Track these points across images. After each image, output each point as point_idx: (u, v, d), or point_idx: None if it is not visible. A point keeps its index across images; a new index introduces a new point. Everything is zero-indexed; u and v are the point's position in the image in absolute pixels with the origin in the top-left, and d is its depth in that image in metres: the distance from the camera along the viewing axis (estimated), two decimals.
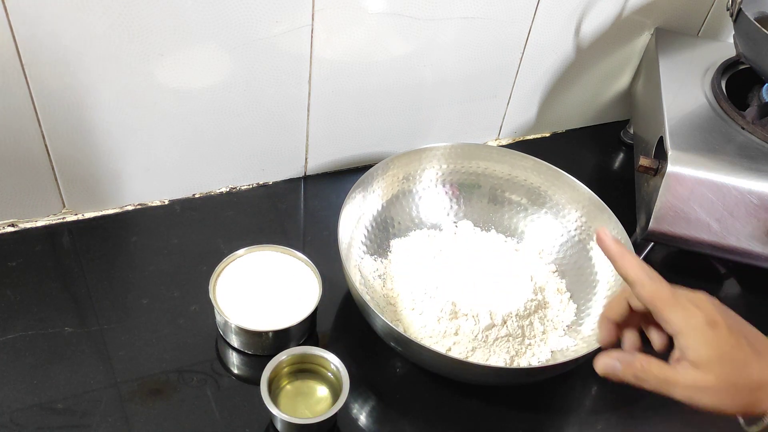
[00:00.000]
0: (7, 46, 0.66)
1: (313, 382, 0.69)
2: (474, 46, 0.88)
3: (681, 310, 0.49)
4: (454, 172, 0.86)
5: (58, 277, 0.77)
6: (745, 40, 0.82)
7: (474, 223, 0.86)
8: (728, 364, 0.47)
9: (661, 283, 0.51)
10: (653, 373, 0.50)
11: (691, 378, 0.48)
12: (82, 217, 0.83)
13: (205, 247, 0.82)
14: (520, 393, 0.74)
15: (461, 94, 0.93)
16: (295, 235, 0.86)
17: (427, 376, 0.74)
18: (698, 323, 0.48)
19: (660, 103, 0.83)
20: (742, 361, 0.48)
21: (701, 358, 0.48)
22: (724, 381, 0.48)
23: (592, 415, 0.74)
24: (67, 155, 0.76)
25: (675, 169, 0.75)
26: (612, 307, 0.56)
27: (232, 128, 0.82)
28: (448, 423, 0.71)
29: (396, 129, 0.93)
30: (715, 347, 0.48)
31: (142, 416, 0.67)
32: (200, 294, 0.75)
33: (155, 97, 0.75)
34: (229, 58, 0.76)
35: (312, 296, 0.73)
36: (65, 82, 0.70)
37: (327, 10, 0.76)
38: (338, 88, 0.84)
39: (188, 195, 0.87)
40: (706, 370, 0.48)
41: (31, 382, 0.68)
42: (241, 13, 0.72)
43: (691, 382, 0.48)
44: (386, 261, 0.81)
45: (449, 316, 0.72)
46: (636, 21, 0.96)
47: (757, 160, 0.76)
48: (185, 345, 0.73)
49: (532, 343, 0.74)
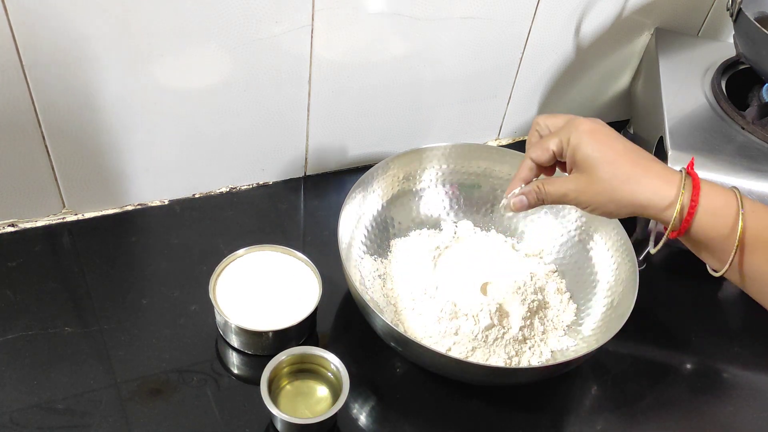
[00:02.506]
0: (7, 47, 0.66)
1: (313, 382, 0.69)
2: (474, 46, 0.88)
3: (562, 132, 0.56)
4: (454, 172, 0.86)
5: (58, 277, 0.77)
6: (745, 40, 0.82)
7: (474, 223, 0.86)
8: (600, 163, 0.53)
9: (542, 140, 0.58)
10: (549, 190, 0.57)
11: (573, 182, 0.55)
12: (82, 217, 0.83)
13: (205, 247, 0.82)
14: (520, 393, 0.74)
15: (461, 94, 0.93)
16: (295, 235, 0.86)
17: (427, 376, 0.74)
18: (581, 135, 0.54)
19: (660, 103, 0.83)
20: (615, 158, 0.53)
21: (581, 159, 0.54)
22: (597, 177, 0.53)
23: (592, 415, 0.74)
24: (67, 155, 0.76)
25: (675, 169, 0.75)
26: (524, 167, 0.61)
27: (232, 128, 0.82)
28: (448, 423, 0.71)
29: (396, 129, 0.93)
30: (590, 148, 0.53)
31: (142, 416, 0.67)
32: (200, 294, 0.75)
33: (155, 97, 0.75)
34: (229, 58, 0.76)
35: (312, 296, 0.73)
36: (65, 82, 0.70)
37: (327, 10, 0.76)
38: (338, 88, 0.84)
39: (188, 195, 0.87)
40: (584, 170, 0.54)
41: (31, 382, 0.68)
42: (241, 13, 0.72)
43: (574, 186, 0.55)
44: (386, 261, 0.81)
45: (449, 316, 0.72)
46: (636, 21, 0.96)
47: (757, 160, 0.76)
48: (185, 345, 0.73)
49: (532, 343, 0.74)
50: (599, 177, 0.53)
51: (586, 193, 0.54)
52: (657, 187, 0.52)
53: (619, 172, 0.52)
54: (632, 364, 0.78)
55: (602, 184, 0.53)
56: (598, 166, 0.53)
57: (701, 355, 0.80)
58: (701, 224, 0.51)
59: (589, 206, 0.55)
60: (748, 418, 0.75)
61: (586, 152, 0.53)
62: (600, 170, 0.53)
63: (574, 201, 0.55)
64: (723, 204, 0.51)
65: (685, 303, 0.85)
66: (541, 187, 0.57)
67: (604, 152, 0.53)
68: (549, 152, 0.57)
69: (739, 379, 0.78)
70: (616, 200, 0.53)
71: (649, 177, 0.52)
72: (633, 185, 0.52)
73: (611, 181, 0.52)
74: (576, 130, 0.54)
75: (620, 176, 0.52)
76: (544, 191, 0.57)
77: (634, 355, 0.79)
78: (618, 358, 0.78)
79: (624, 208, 0.53)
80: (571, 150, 0.54)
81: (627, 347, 0.79)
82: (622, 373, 0.77)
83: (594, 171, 0.53)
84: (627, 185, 0.52)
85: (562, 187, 0.56)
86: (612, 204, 0.53)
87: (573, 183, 0.55)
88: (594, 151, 0.53)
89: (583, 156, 0.53)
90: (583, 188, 0.54)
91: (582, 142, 0.53)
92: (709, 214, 0.51)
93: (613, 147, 0.53)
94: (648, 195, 0.52)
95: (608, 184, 0.53)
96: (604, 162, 0.53)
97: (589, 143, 0.53)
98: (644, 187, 0.52)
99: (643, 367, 0.78)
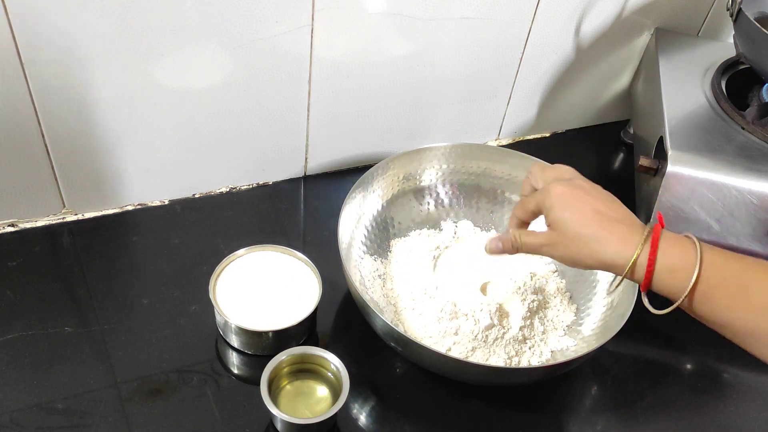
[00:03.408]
0: (7, 46, 0.66)
1: (313, 382, 0.69)
2: (474, 46, 0.88)
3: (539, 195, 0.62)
4: (454, 172, 0.86)
5: (58, 277, 0.77)
6: (745, 40, 0.82)
7: (474, 223, 0.86)
8: (569, 224, 0.59)
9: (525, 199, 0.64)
10: (524, 241, 0.63)
11: (547, 238, 0.61)
12: (82, 217, 0.83)
13: (205, 247, 0.82)
14: (520, 393, 0.74)
15: (461, 94, 0.93)
16: (295, 235, 0.86)
17: (427, 376, 0.74)
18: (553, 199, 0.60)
19: (660, 103, 0.83)
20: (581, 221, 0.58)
21: (552, 220, 0.60)
22: (566, 235, 0.59)
23: (592, 415, 0.74)
24: (67, 155, 0.76)
25: (675, 169, 0.75)
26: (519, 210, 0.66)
27: (232, 128, 0.82)
28: (448, 423, 0.71)
29: (396, 129, 0.93)
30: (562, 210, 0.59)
31: (142, 416, 0.67)
32: (200, 294, 0.75)
33: (155, 97, 0.75)
34: (229, 58, 0.76)
35: (312, 296, 0.73)
36: (65, 81, 0.70)
37: (327, 10, 0.76)
38: (338, 88, 0.84)
39: (188, 195, 0.87)
40: (556, 229, 0.60)
41: (31, 382, 0.68)
42: (241, 13, 0.72)
43: (547, 241, 0.61)
44: (386, 261, 0.81)
45: (449, 316, 0.72)
46: (636, 21, 0.96)
47: (757, 160, 0.76)
48: (185, 345, 0.73)
49: (532, 343, 0.74)
50: (568, 236, 0.59)
51: (557, 248, 0.60)
52: (618, 248, 0.57)
53: (585, 233, 0.58)
54: (632, 364, 0.78)
55: (571, 243, 0.59)
56: (567, 227, 0.59)
57: (701, 355, 0.80)
58: (660, 281, 0.56)
59: (561, 260, 0.61)
60: (748, 418, 0.75)
61: (557, 215, 0.59)
62: (569, 231, 0.59)
63: (548, 253, 0.62)
64: (680, 261, 0.56)
65: None
66: (518, 238, 0.64)
67: (572, 215, 0.59)
68: (529, 212, 0.63)
69: (739, 379, 0.78)
70: (582, 257, 0.59)
71: (612, 239, 0.57)
72: (597, 246, 0.58)
73: (577, 240, 0.58)
74: (549, 195, 0.60)
75: (585, 237, 0.58)
76: (519, 242, 0.64)
77: (634, 355, 0.79)
78: (618, 358, 0.78)
79: (590, 265, 0.59)
80: (546, 211, 0.61)
81: (627, 347, 0.79)
82: (622, 373, 0.77)
83: (564, 231, 0.59)
84: (592, 245, 0.58)
85: (537, 240, 0.62)
86: (579, 260, 0.59)
87: (546, 238, 0.61)
88: (563, 213, 0.59)
89: (555, 218, 0.59)
90: (554, 244, 0.60)
91: (554, 206, 0.59)
92: (667, 272, 0.56)
93: (582, 210, 0.59)
94: (610, 256, 0.57)
95: (575, 244, 0.58)
96: (573, 224, 0.58)
97: (560, 207, 0.59)
98: (607, 248, 0.57)
99: (643, 367, 0.78)
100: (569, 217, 0.59)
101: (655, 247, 0.56)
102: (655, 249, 0.56)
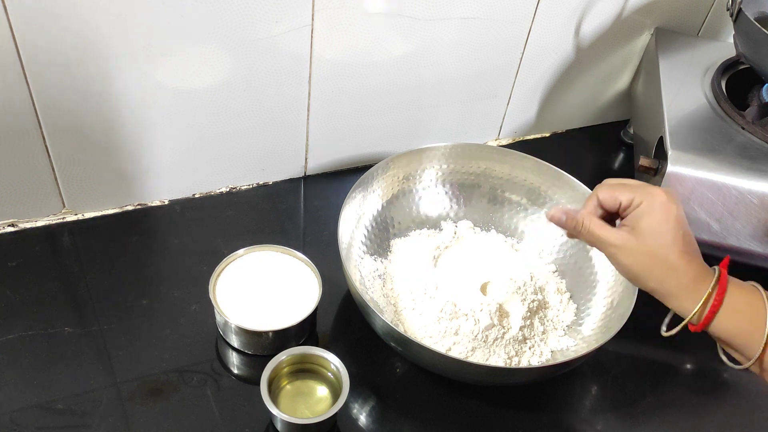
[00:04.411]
0: (7, 46, 0.66)
1: (313, 382, 0.69)
2: (474, 46, 0.88)
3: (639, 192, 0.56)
4: (454, 172, 0.86)
5: (58, 277, 0.77)
6: (745, 40, 0.82)
7: (474, 223, 0.86)
8: (657, 238, 0.54)
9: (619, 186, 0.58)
10: (590, 229, 0.57)
11: (622, 239, 0.56)
12: (82, 217, 0.83)
13: (205, 247, 0.82)
14: (520, 393, 0.74)
15: (461, 94, 0.93)
16: (295, 235, 0.86)
17: (427, 376, 0.74)
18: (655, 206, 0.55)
19: (660, 103, 0.83)
20: (670, 242, 0.54)
21: (642, 225, 0.55)
22: (646, 247, 0.55)
23: (592, 415, 0.74)
24: (67, 155, 0.76)
25: (675, 169, 0.75)
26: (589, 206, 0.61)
27: (232, 128, 0.82)
28: (448, 423, 0.71)
29: (396, 129, 0.93)
30: (656, 222, 0.54)
31: (142, 416, 0.67)
32: (200, 294, 0.75)
33: (155, 97, 0.75)
34: (229, 58, 0.76)
35: (312, 296, 0.73)
36: (65, 82, 0.70)
37: (327, 10, 0.76)
38: (338, 88, 0.84)
39: (188, 195, 0.87)
40: (638, 235, 0.55)
41: (31, 382, 0.68)
42: (241, 13, 0.72)
43: (619, 241, 0.56)
44: (386, 261, 0.81)
45: (449, 316, 0.72)
46: (636, 21, 0.96)
47: (757, 160, 0.76)
48: (185, 345, 0.73)
49: (532, 343, 0.74)
50: (648, 249, 0.55)
51: (627, 256, 0.56)
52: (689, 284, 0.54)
53: (668, 256, 0.54)
54: (632, 364, 0.78)
55: (647, 257, 0.55)
56: (654, 239, 0.54)
57: (701, 355, 0.80)
58: (722, 321, 0.54)
59: (623, 267, 0.56)
60: (748, 418, 0.75)
61: (650, 223, 0.55)
62: (653, 244, 0.54)
63: (612, 255, 0.57)
64: (746, 302, 0.54)
65: None
66: (587, 224, 0.58)
67: (665, 231, 0.54)
68: (616, 201, 0.58)
69: (739, 379, 0.78)
70: (650, 277, 0.55)
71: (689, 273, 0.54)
72: (672, 272, 0.54)
73: (656, 259, 0.54)
74: (653, 198, 0.55)
75: (667, 260, 0.54)
76: (587, 228, 0.58)
77: (634, 355, 0.79)
78: (618, 358, 0.78)
79: (651, 288, 0.56)
80: (638, 213, 0.56)
81: (627, 347, 0.79)
82: (622, 373, 0.77)
83: (647, 241, 0.55)
84: (667, 272, 0.54)
85: (608, 236, 0.57)
86: (643, 278, 0.56)
87: (622, 240, 0.56)
88: (659, 225, 0.54)
89: (645, 225, 0.55)
90: (628, 250, 0.55)
91: (653, 212, 0.55)
92: (733, 310, 0.54)
93: (675, 231, 0.55)
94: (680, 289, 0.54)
95: (651, 260, 0.55)
96: (661, 239, 0.54)
97: (657, 217, 0.55)
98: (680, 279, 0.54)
99: (643, 367, 0.78)
100: (661, 232, 0.54)
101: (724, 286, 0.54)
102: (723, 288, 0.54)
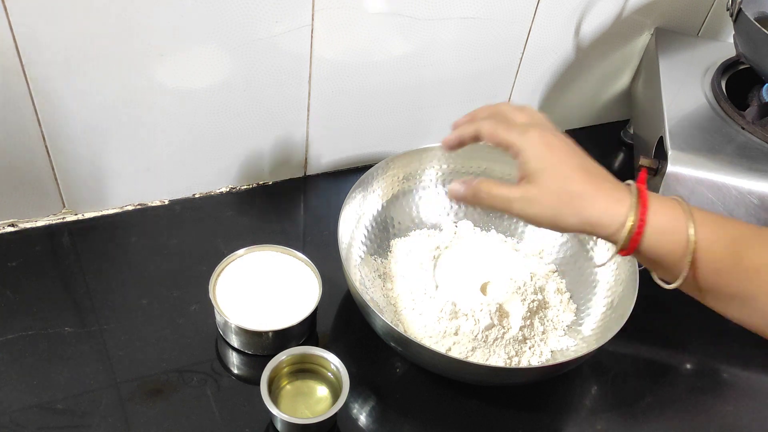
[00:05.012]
0: (7, 46, 0.66)
1: (313, 382, 0.69)
2: (474, 46, 0.88)
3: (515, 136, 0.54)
4: (454, 172, 0.86)
5: (58, 277, 0.77)
6: (745, 40, 0.82)
7: (474, 223, 0.86)
8: (552, 175, 0.52)
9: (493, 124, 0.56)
10: (491, 192, 0.54)
11: (521, 191, 0.53)
12: (82, 217, 0.83)
13: (205, 247, 0.82)
14: (520, 393, 0.74)
15: (461, 94, 0.93)
16: (295, 235, 0.86)
17: (427, 376, 0.74)
18: (533, 149, 0.52)
19: (660, 103, 0.83)
20: (568, 173, 0.52)
21: (532, 170, 0.52)
22: (547, 188, 0.52)
23: (592, 415, 0.74)
24: (67, 155, 0.76)
25: (675, 169, 0.75)
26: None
27: (232, 128, 0.82)
28: (448, 423, 0.71)
29: (396, 129, 0.93)
30: (543, 161, 0.52)
31: (142, 416, 0.67)
32: (200, 294, 0.75)
33: (155, 97, 0.75)
34: (229, 58, 0.76)
35: (312, 296, 0.73)
36: (65, 81, 0.70)
37: (327, 10, 0.76)
38: (338, 88, 0.84)
39: (188, 195, 0.87)
40: (534, 182, 0.52)
41: (31, 382, 0.68)
42: (241, 13, 0.72)
43: (521, 195, 0.53)
44: (386, 261, 0.81)
45: (449, 316, 0.72)
46: (636, 21, 0.96)
47: (757, 160, 0.76)
48: (185, 345, 0.73)
49: (532, 343, 0.74)
50: (549, 191, 0.52)
51: (533, 205, 0.52)
52: (607, 206, 0.51)
53: (571, 187, 0.51)
54: (632, 364, 0.78)
55: (552, 198, 0.51)
56: (550, 178, 0.52)
57: (701, 355, 0.80)
58: (650, 243, 0.51)
59: (535, 219, 0.53)
60: (748, 418, 0.75)
61: (537, 166, 0.52)
62: (551, 185, 0.52)
63: (520, 211, 0.53)
64: (670, 220, 0.50)
65: (684, 303, 0.85)
66: (483, 187, 0.55)
67: (557, 166, 0.52)
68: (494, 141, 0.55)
69: (739, 379, 0.78)
70: (564, 216, 0.52)
71: (600, 195, 0.51)
72: (583, 202, 0.51)
73: (560, 196, 0.51)
74: (528, 141, 0.53)
75: (570, 193, 0.51)
76: (485, 191, 0.54)
77: (634, 355, 0.79)
78: (618, 358, 0.78)
79: (572, 225, 0.52)
80: (522, 161, 0.53)
81: (627, 347, 0.79)
82: (622, 373, 0.77)
83: (544, 185, 0.52)
84: (577, 202, 0.51)
85: (508, 194, 0.53)
86: (560, 219, 0.52)
87: (521, 192, 0.53)
88: (545, 164, 0.52)
89: (534, 169, 0.52)
90: (530, 199, 0.52)
91: (535, 156, 0.52)
92: (659, 232, 0.50)
93: (568, 162, 0.52)
94: (598, 214, 0.51)
95: (557, 200, 0.51)
96: (557, 176, 0.51)
97: (540, 158, 0.52)
98: (594, 205, 0.51)
99: (643, 367, 0.78)
100: (552, 170, 0.51)
101: (645, 206, 0.50)
102: (645, 208, 0.50)
